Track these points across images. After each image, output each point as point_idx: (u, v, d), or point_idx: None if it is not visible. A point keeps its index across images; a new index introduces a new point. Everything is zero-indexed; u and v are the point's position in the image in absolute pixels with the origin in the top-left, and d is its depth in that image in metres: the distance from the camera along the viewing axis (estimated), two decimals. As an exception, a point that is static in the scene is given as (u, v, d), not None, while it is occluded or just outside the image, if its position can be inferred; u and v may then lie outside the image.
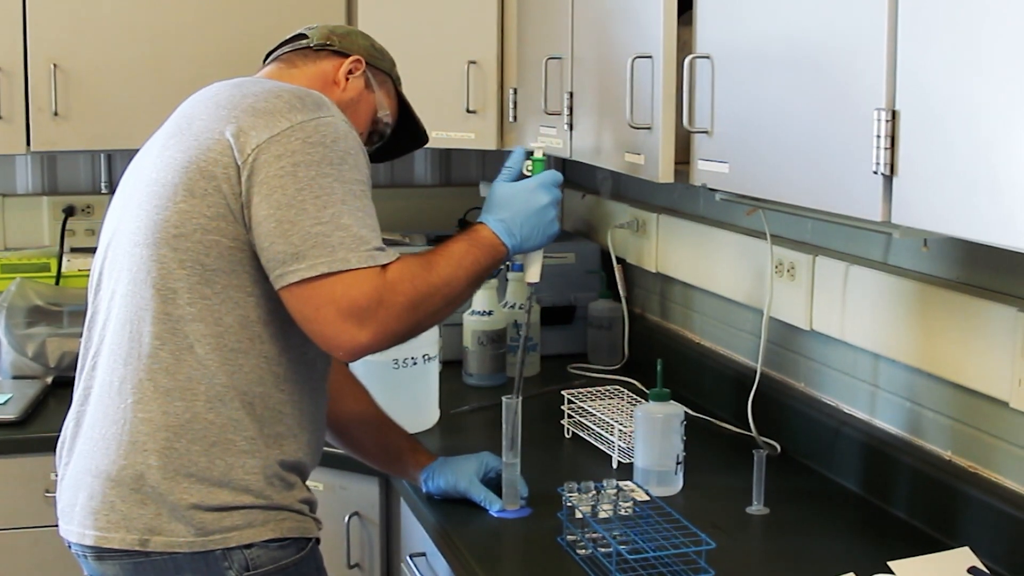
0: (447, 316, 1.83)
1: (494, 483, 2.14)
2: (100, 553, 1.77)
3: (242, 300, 1.76)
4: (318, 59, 1.99)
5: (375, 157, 2.07)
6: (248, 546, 1.76)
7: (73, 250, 3.30)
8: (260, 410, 1.78)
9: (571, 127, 2.45)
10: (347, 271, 1.68)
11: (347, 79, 1.99)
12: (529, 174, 1.99)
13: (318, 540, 1.89)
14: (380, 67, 2.06)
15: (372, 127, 2.06)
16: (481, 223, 1.90)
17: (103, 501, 1.75)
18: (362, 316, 1.68)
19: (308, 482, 1.90)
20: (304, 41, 2.01)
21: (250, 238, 1.73)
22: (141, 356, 1.76)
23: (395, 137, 2.12)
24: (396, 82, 2.10)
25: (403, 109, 2.12)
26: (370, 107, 2.04)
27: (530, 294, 2.18)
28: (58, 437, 1.90)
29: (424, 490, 2.17)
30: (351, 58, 2.00)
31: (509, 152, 2.02)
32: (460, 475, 2.14)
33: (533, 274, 2.02)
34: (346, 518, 2.52)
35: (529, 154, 2.02)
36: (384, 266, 1.71)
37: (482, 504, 2.11)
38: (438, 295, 1.76)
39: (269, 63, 2.02)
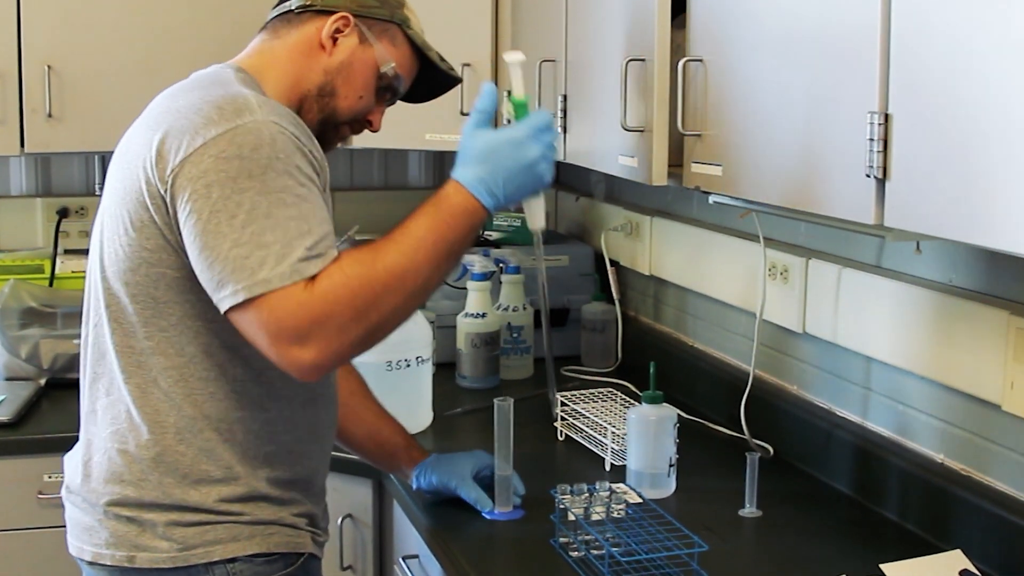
0: (417, 306, 1.66)
1: (488, 482, 2.12)
2: (94, 564, 1.77)
3: (201, 328, 1.69)
4: (301, 24, 1.81)
5: (412, 99, 1.93)
6: (231, 560, 1.72)
7: (67, 252, 3.30)
8: (241, 435, 1.73)
9: (565, 130, 2.45)
10: (268, 293, 1.54)
11: (334, 41, 1.81)
12: (510, 117, 1.73)
13: (313, 555, 1.85)
14: (377, 16, 1.84)
15: (378, 83, 1.85)
16: (455, 180, 1.66)
17: (91, 523, 1.76)
18: (296, 337, 1.54)
19: None
20: (286, 5, 1.84)
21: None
22: (113, 388, 1.74)
23: (425, 81, 1.93)
24: (404, 25, 1.87)
25: (421, 52, 1.89)
26: (368, 65, 1.83)
27: (537, 240, 1.86)
28: (59, 441, 1.90)
29: (415, 486, 2.14)
30: (335, 16, 1.81)
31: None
32: (453, 472, 2.11)
33: (537, 220, 1.78)
34: (339, 520, 2.51)
35: (509, 93, 1.77)
36: (313, 277, 1.56)
37: (474, 505, 2.10)
38: (388, 291, 1.58)
39: (259, 32, 1.88)
